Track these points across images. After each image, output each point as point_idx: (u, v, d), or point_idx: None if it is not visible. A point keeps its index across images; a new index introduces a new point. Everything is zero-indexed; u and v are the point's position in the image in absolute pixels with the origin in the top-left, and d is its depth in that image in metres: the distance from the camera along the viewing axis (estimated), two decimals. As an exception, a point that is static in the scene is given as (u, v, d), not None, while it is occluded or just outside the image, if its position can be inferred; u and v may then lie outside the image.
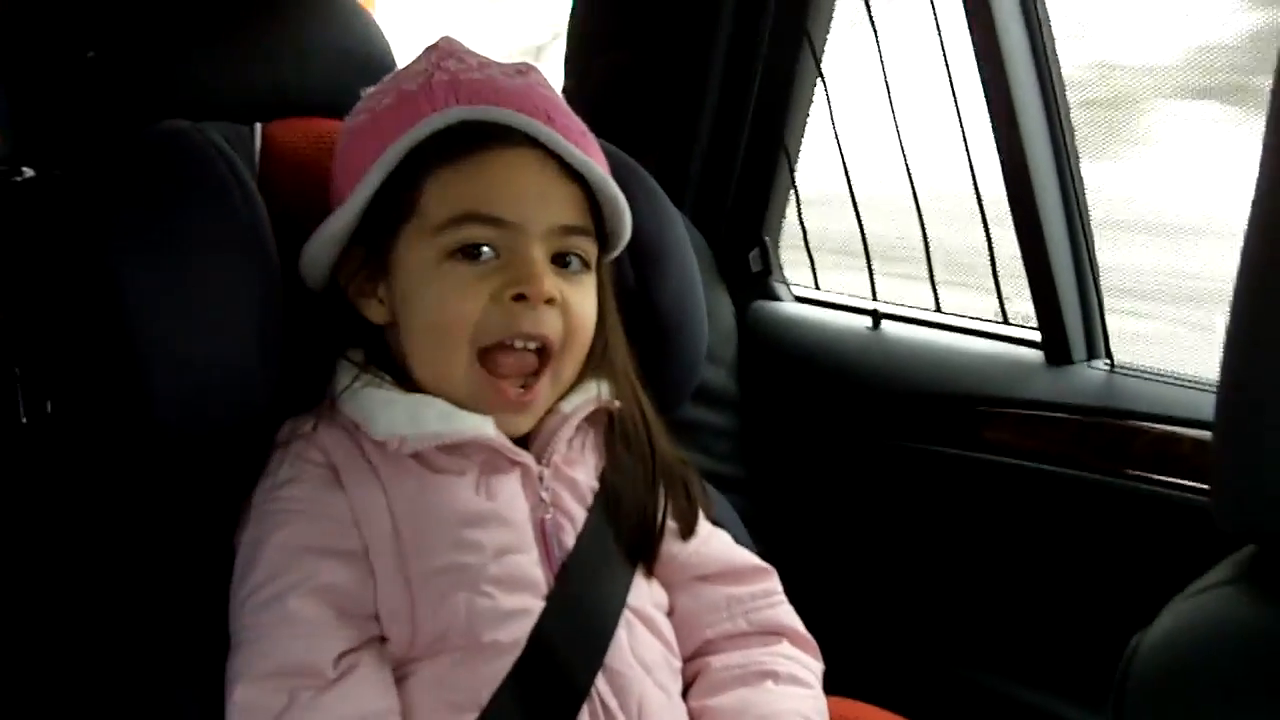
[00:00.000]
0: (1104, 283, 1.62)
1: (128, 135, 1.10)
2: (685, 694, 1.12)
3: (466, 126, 1.03)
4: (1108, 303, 1.63)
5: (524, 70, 1.09)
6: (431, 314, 1.04)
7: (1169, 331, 1.67)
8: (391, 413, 1.03)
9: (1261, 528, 0.64)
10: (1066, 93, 1.60)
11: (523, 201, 1.03)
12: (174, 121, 1.11)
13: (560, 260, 1.06)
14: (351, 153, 1.07)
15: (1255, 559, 0.66)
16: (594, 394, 1.12)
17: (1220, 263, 1.08)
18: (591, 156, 1.07)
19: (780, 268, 2.05)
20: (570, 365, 1.08)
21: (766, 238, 2.01)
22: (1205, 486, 0.67)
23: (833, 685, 1.17)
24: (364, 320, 1.09)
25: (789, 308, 2.00)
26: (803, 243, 2.03)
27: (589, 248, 1.09)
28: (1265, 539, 0.65)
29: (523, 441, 1.09)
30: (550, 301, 1.03)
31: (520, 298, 1.02)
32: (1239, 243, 0.63)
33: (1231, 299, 0.63)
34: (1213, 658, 0.61)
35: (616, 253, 1.16)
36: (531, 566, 1.04)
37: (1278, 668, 0.58)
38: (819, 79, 1.92)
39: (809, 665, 1.15)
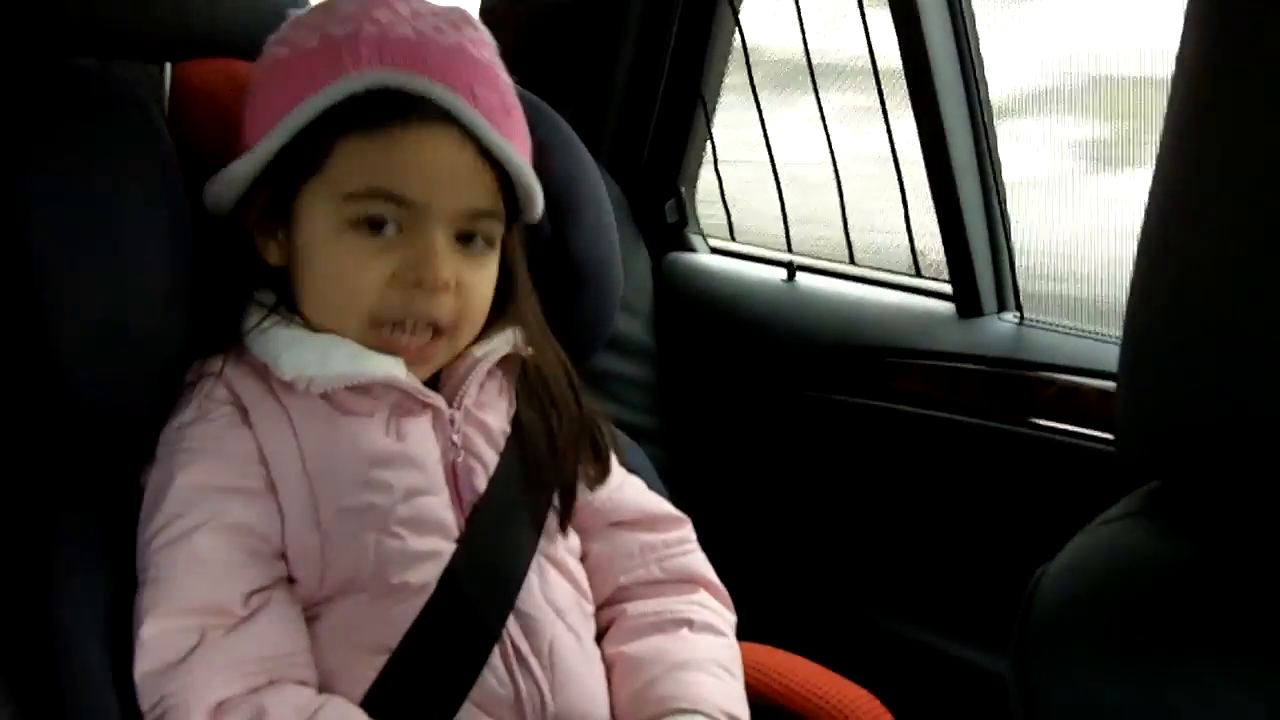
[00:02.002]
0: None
1: (34, 75, 1.07)
2: (600, 640, 1.12)
3: (387, 92, 1.00)
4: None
5: (458, 24, 1.05)
6: (326, 281, 1.03)
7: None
8: (299, 352, 1.01)
9: (1163, 462, 0.65)
10: (981, 48, 1.62)
11: (433, 184, 1.01)
12: (80, 60, 1.08)
13: (465, 238, 1.05)
14: (266, 95, 1.04)
15: (1155, 494, 0.68)
16: (506, 340, 1.11)
17: None
18: (512, 135, 1.05)
19: (696, 219, 2.05)
20: (465, 336, 1.08)
21: (682, 189, 2.01)
22: (1108, 436, 0.69)
23: (746, 631, 1.18)
24: (260, 262, 1.07)
25: (705, 259, 2.01)
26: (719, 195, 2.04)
27: (495, 229, 1.07)
28: (1167, 473, 0.67)
29: (434, 385, 1.08)
30: (445, 287, 1.02)
31: (418, 282, 1.01)
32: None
33: (1138, 237, 0.65)
34: (1113, 586, 0.62)
35: (524, 222, 1.14)
36: (442, 509, 1.03)
37: (1175, 596, 0.60)
38: (736, 29, 1.92)
39: (723, 614, 1.16)
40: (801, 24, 1.82)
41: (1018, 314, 1.65)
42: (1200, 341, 0.60)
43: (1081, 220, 1.62)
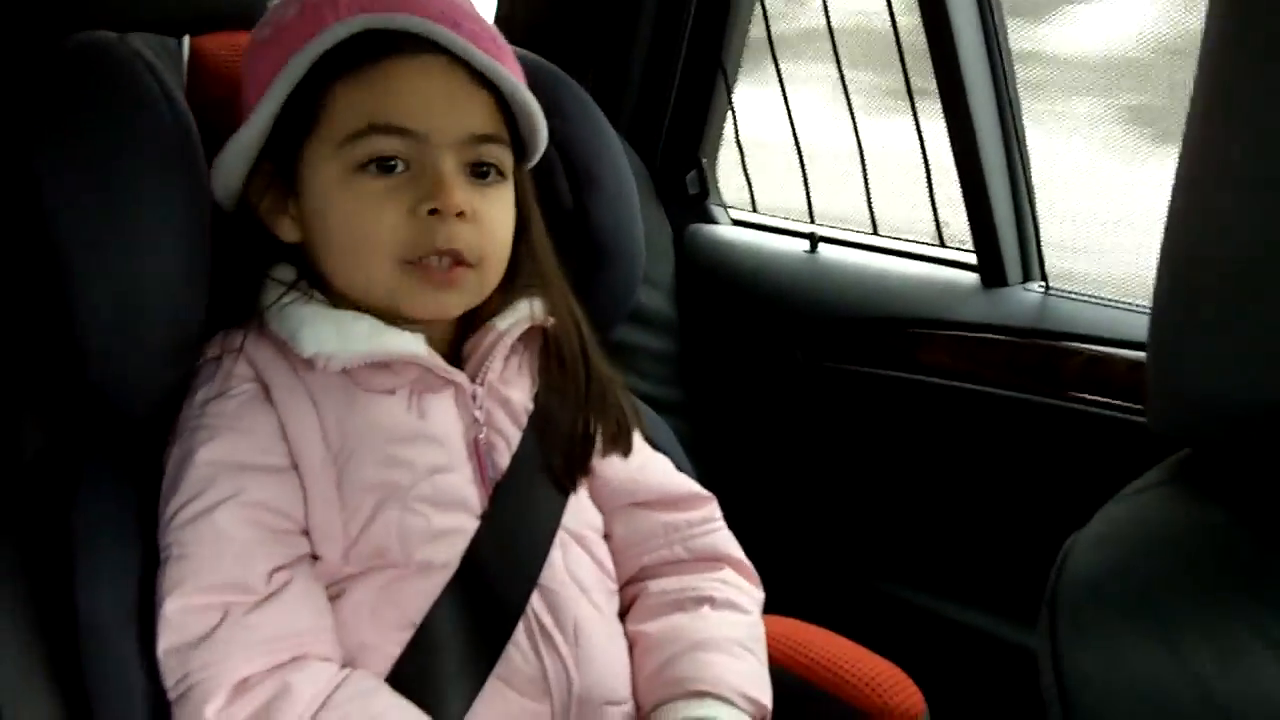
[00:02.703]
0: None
1: (51, 48, 1.07)
2: (623, 617, 1.12)
3: (372, 35, 1.00)
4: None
5: None
6: (345, 230, 1.02)
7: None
8: (318, 329, 1.01)
9: (1194, 430, 0.65)
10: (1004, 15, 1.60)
11: (430, 110, 1.01)
12: (99, 33, 1.08)
13: (476, 172, 1.04)
14: (256, 65, 1.04)
15: (1186, 462, 0.67)
16: (528, 312, 1.11)
17: None
18: (502, 59, 1.05)
19: (718, 190, 2.04)
20: (492, 273, 1.07)
21: (704, 160, 2.00)
22: (1136, 406, 0.69)
23: (772, 605, 1.18)
24: (277, 240, 1.06)
25: (726, 231, 2.00)
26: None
27: (504, 156, 1.06)
28: (1197, 441, 0.66)
29: (457, 361, 1.08)
30: (462, 215, 1.01)
31: (434, 212, 1.00)
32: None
33: (1167, 210, 0.64)
34: (1145, 555, 0.62)
35: (534, 161, 1.14)
36: (465, 485, 1.03)
37: (1206, 562, 0.60)
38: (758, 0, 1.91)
39: (748, 591, 1.15)
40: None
41: (1043, 284, 1.64)
42: (1229, 311, 0.60)
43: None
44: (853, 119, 1.84)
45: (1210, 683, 0.55)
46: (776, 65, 1.91)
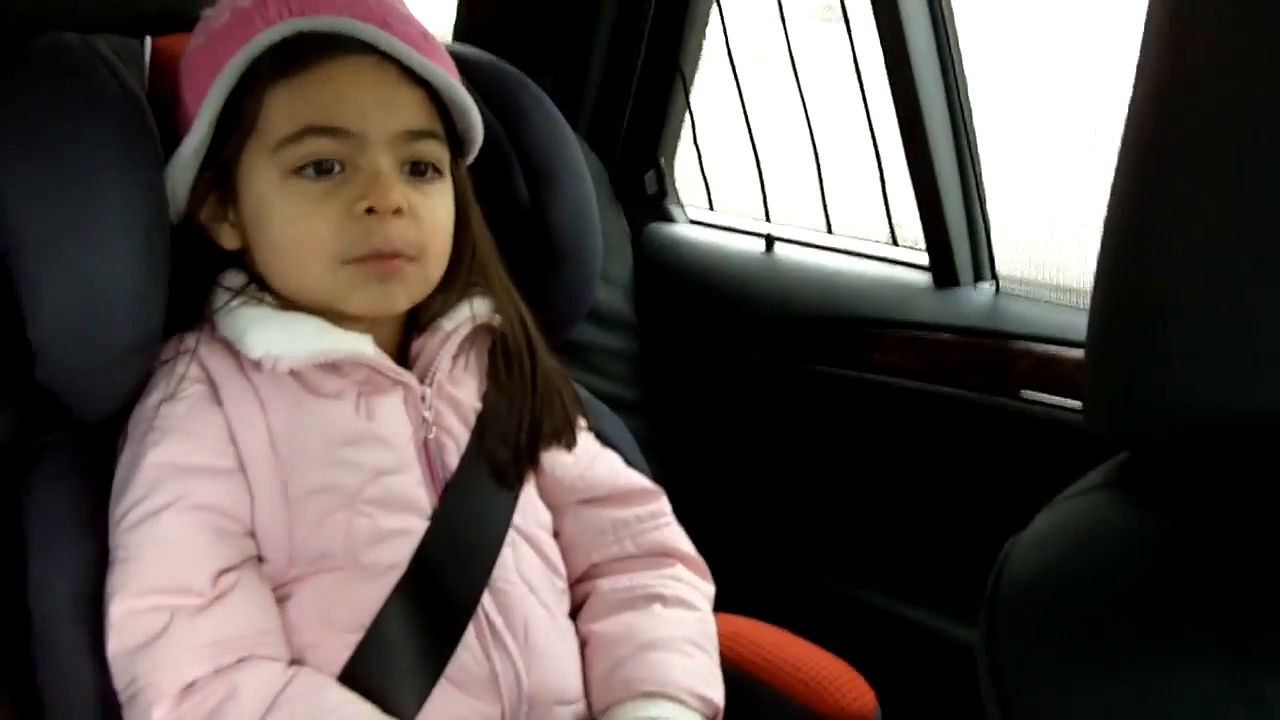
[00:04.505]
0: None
1: (11, 49, 1.06)
2: (574, 617, 1.12)
3: (302, 38, 1.01)
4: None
5: None
6: (284, 234, 1.02)
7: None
8: (266, 330, 1.01)
9: (1132, 433, 0.65)
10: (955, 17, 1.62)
11: (363, 110, 1.01)
12: (60, 33, 1.07)
13: (414, 170, 1.04)
14: (194, 73, 1.04)
15: (1125, 465, 0.68)
16: (476, 309, 1.11)
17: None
18: (433, 56, 1.05)
19: (675, 190, 2.05)
20: (435, 267, 1.07)
21: (662, 160, 2.01)
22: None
23: (725, 603, 1.18)
24: (221, 249, 1.06)
25: (684, 230, 2.01)
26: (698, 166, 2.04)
27: (440, 153, 1.07)
28: (1135, 444, 0.67)
29: (404, 363, 1.08)
30: (399, 212, 1.01)
31: (371, 210, 1.00)
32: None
33: (1106, 208, 0.65)
34: (1081, 559, 0.63)
35: (470, 157, 1.14)
36: (413, 487, 1.04)
37: (1142, 568, 0.60)
38: (715, 2, 1.92)
39: (698, 587, 1.16)
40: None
41: (994, 284, 1.66)
42: (1165, 315, 0.60)
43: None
44: (807, 118, 1.85)
45: (1143, 684, 0.56)
46: (733, 66, 1.93)
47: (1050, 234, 1.68)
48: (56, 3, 1.17)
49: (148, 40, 1.18)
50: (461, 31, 2.00)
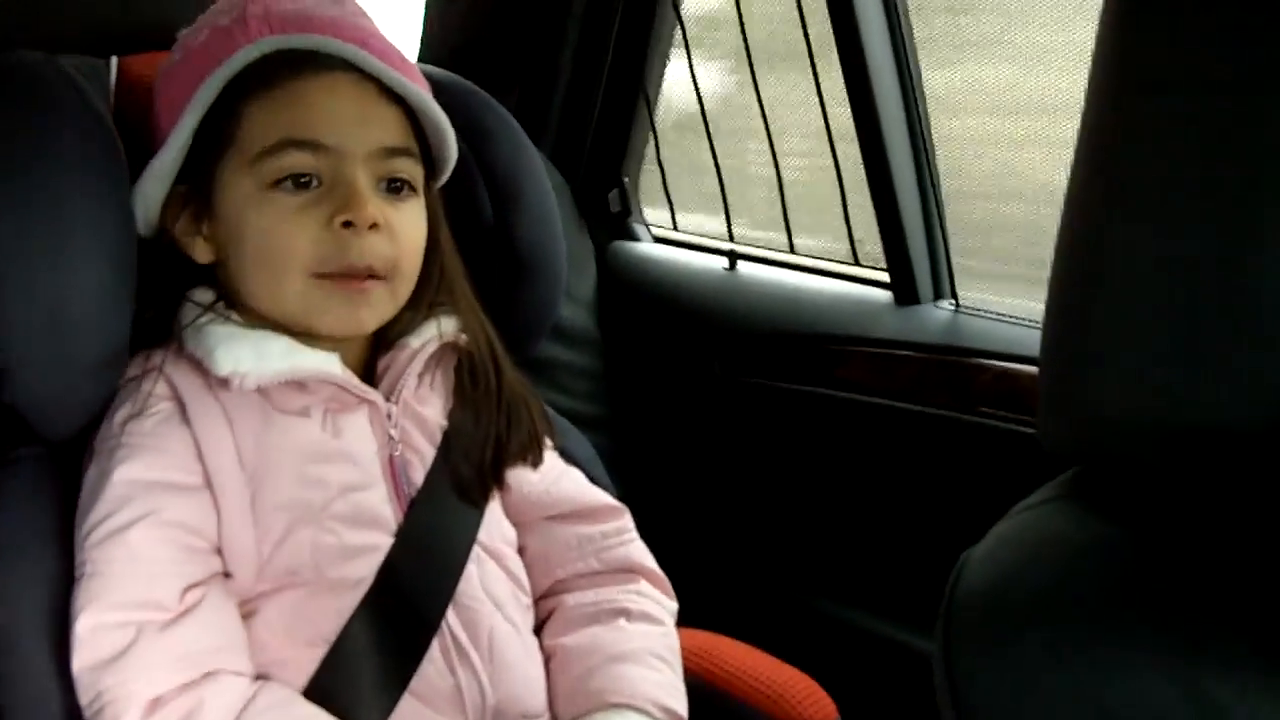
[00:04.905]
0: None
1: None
2: (540, 631, 1.13)
3: (281, 56, 1.02)
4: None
5: (339, 0, 1.08)
6: (259, 246, 1.02)
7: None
8: (234, 348, 1.01)
9: (1083, 448, 0.67)
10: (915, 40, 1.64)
11: (341, 124, 1.02)
12: (26, 52, 1.07)
13: (390, 187, 1.05)
14: (169, 90, 1.05)
15: (1078, 477, 0.70)
16: (442, 327, 1.12)
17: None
18: (410, 76, 1.06)
19: (639, 208, 2.07)
20: (404, 286, 1.07)
21: (626, 179, 2.03)
22: (1041, 418, 0.71)
23: (687, 618, 1.19)
24: (192, 264, 1.06)
25: (648, 248, 2.02)
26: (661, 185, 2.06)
27: (415, 171, 1.08)
28: (1087, 459, 0.68)
29: (371, 380, 1.08)
30: (375, 227, 1.02)
31: (348, 224, 1.01)
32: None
33: (1059, 225, 0.66)
34: (1034, 571, 0.64)
35: (444, 178, 1.15)
36: (380, 504, 1.04)
37: (1094, 580, 0.62)
38: (678, 24, 1.94)
39: (662, 602, 1.17)
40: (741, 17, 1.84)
41: (954, 302, 1.68)
42: (1117, 331, 0.62)
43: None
44: (769, 136, 1.87)
45: (1096, 691, 0.57)
46: (696, 86, 1.94)
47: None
48: (23, 22, 1.17)
49: (113, 60, 1.19)
50: (426, 51, 2.01)
